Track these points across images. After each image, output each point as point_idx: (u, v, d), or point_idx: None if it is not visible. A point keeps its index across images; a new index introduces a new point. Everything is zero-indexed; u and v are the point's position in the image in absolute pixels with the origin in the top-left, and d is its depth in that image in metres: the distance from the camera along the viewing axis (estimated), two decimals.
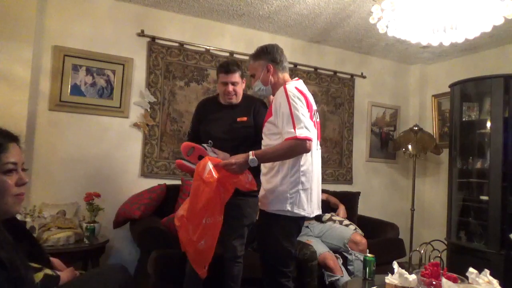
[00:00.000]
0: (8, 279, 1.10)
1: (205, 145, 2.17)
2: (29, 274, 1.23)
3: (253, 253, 2.61)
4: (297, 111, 1.79)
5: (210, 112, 2.34)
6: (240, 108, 2.31)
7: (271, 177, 1.91)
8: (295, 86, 1.91)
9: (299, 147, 1.77)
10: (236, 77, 2.24)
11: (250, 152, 1.83)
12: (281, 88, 1.90)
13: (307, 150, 1.79)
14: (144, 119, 3.31)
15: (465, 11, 1.96)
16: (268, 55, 1.99)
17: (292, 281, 2.02)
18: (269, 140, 1.94)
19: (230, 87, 2.25)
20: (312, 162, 1.93)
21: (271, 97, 2.10)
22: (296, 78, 2.07)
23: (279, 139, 1.85)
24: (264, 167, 1.99)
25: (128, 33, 3.28)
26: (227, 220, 2.27)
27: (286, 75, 2.04)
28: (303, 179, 1.87)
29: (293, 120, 1.78)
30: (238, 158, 1.85)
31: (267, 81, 2.00)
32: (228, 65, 2.26)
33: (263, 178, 1.99)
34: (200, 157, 2.08)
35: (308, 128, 1.79)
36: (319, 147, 2.03)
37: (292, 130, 1.76)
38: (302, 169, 1.88)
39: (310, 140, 1.78)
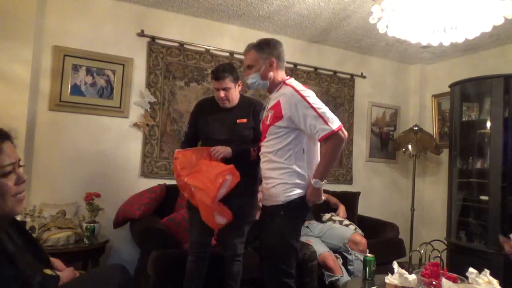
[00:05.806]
0: (16, 277, 1.08)
1: None
2: (37, 277, 1.20)
3: (253, 253, 2.61)
4: (319, 107, 1.82)
5: (209, 113, 2.30)
6: (239, 109, 2.29)
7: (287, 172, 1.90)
8: (297, 83, 1.94)
9: (339, 139, 1.83)
10: (227, 82, 2.18)
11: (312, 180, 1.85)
12: (289, 89, 1.88)
13: (344, 137, 1.85)
14: (144, 119, 3.31)
15: (465, 11, 1.96)
16: (273, 50, 1.96)
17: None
18: (277, 142, 1.90)
19: (222, 93, 2.21)
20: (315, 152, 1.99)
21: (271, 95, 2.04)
22: (288, 76, 2.02)
23: (289, 138, 1.88)
24: (271, 163, 1.92)
25: (128, 33, 3.28)
26: None
27: (284, 73, 2.02)
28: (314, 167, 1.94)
29: (321, 116, 1.81)
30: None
31: (266, 76, 1.96)
32: (218, 71, 2.20)
33: (274, 174, 1.92)
34: None
35: (335, 117, 1.84)
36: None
37: (326, 126, 1.80)
38: (314, 160, 1.97)
39: (342, 126, 1.84)
